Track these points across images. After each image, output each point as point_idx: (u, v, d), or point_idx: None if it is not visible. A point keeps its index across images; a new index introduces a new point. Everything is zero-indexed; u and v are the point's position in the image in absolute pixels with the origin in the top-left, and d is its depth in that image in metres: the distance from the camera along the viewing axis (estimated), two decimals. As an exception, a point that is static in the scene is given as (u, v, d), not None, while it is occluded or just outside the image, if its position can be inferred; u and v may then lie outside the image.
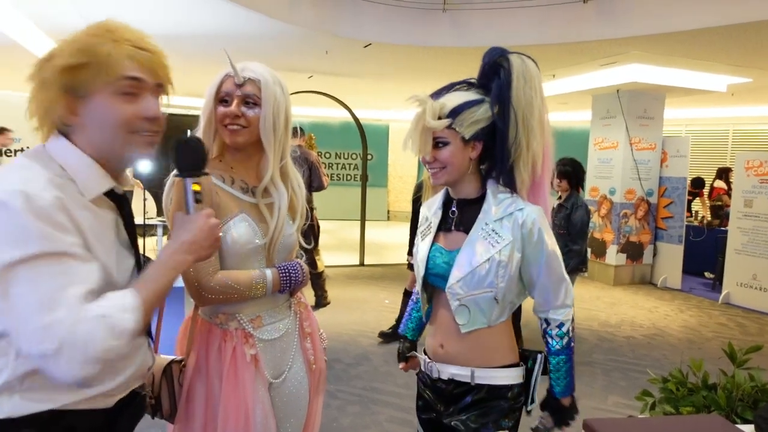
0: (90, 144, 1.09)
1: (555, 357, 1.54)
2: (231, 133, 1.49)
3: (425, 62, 6.62)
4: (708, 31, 4.85)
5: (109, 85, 1.05)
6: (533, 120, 1.46)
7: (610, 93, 7.45)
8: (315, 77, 7.99)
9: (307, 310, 1.72)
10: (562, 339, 1.53)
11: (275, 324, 1.58)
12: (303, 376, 1.66)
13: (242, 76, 1.48)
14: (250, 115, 1.48)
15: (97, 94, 1.06)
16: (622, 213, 7.54)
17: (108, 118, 1.07)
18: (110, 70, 1.05)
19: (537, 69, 1.49)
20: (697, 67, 6.51)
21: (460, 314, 1.49)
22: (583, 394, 3.90)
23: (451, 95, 1.48)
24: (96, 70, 1.04)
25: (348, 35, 5.68)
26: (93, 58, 1.04)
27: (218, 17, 5.04)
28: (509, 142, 1.45)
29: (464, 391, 1.53)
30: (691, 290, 7.35)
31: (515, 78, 1.44)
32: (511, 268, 1.46)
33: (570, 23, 5.35)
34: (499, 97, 1.45)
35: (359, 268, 7.93)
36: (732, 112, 10.14)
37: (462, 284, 1.47)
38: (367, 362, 4.29)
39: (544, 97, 1.49)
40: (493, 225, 1.47)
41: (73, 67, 1.04)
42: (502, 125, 1.45)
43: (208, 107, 1.52)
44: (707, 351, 4.87)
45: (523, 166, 1.48)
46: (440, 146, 1.46)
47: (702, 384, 2.12)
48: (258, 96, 1.48)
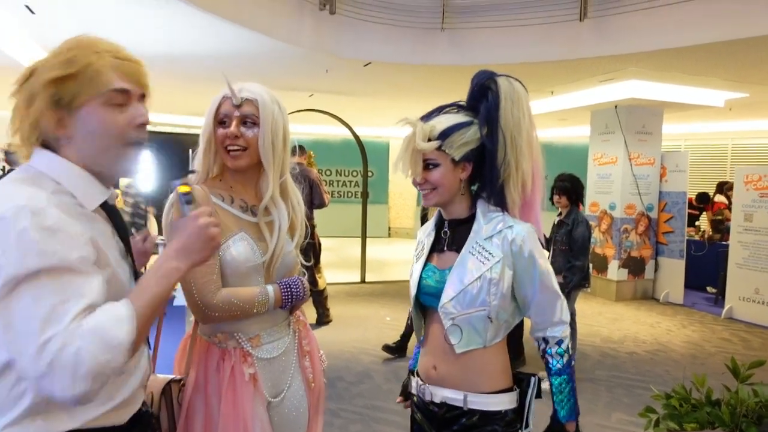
0: (80, 156, 1.08)
1: (557, 377, 1.52)
2: (233, 158, 1.51)
3: (424, 80, 6.68)
4: (705, 47, 4.89)
5: (98, 97, 1.06)
6: (521, 140, 1.47)
7: (609, 109, 7.50)
8: (315, 96, 8.05)
9: (305, 328, 1.72)
10: (562, 357, 1.51)
11: (274, 343, 1.57)
12: (302, 395, 1.65)
13: (240, 96, 1.49)
14: (249, 135, 1.50)
15: (86, 105, 1.06)
16: (623, 228, 7.54)
17: (100, 129, 1.07)
18: (98, 82, 1.06)
19: (524, 90, 1.51)
20: (694, 82, 6.56)
21: (453, 334, 1.49)
22: (586, 410, 3.87)
23: (441, 117, 1.50)
24: (84, 81, 1.05)
25: (348, 55, 5.74)
26: (80, 69, 1.05)
27: (220, 37, 5.10)
28: (498, 163, 1.47)
29: (457, 415, 1.51)
30: (694, 305, 7.32)
31: (503, 99, 1.46)
32: (503, 285, 1.45)
33: (568, 41, 5.40)
34: (487, 119, 1.47)
35: (360, 285, 7.91)
36: (730, 127, 10.17)
37: (455, 303, 1.47)
38: (369, 380, 4.27)
39: (532, 118, 1.51)
40: (483, 243, 1.47)
41: (61, 79, 1.04)
42: (491, 146, 1.47)
43: (207, 129, 1.54)
44: (710, 366, 4.84)
45: (513, 186, 1.49)
46: (431, 168, 1.48)
47: (705, 400, 2.11)
48: (256, 115, 1.50)
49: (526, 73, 6.12)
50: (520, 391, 1.55)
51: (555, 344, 1.52)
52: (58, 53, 1.07)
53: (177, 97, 8.63)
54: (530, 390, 1.54)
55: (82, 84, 1.05)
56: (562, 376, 1.51)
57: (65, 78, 1.04)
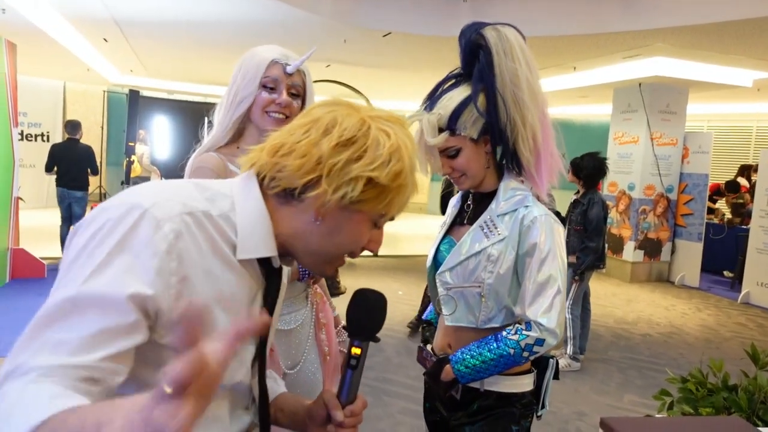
0: (297, 229, 0.88)
1: (499, 343, 1.36)
2: (274, 121, 1.47)
3: (444, 53, 6.55)
4: (735, 24, 4.73)
5: (376, 215, 0.89)
6: (523, 93, 1.38)
7: (632, 86, 7.32)
8: (332, 66, 7.96)
9: (323, 301, 1.72)
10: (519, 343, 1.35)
11: (292, 314, 1.58)
12: (317, 367, 1.66)
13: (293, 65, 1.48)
14: (294, 105, 1.49)
15: (363, 213, 0.87)
16: (641, 209, 7.44)
17: (351, 240, 0.89)
18: (387, 204, 0.88)
19: (518, 36, 1.41)
20: (722, 61, 6.37)
21: (446, 304, 1.46)
22: (598, 391, 3.87)
23: (445, 100, 1.43)
24: (381, 198, 0.87)
25: (367, 25, 5.64)
26: (393, 186, 0.86)
27: (236, 4, 5.03)
28: (502, 123, 1.39)
29: (473, 397, 1.48)
30: (710, 289, 7.24)
31: (495, 54, 1.37)
32: (501, 265, 1.39)
33: (593, 14, 5.25)
34: (481, 81, 1.39)
35: (372, 258, 7.91)
36: (757, 108, 9.90)
37: (451, 274, 1.44)
38: (379, 353, 4.29)
39: (531, 63, 1.40)
40: (495, 219, 1.43)
41: (375, 184, 0.84)
42: (492, 110, 1.39)
43: (248, 89, 1.46)
44: (725, 351, 4.79)
45: (523, 144, 1.41)
46: (454, 155, 1.43)
47: (722, 385, 2.08)
48: (302, 87, 1.50)
49: (548, 47, 5.98)
50: (538, 372, 1.52)
51: (523, 327, 1.37)
52: (382, 143, 0.84)
53: (194, 65, 8.59)
54: (548, 371, 1.51)
55: (380, 199, 0.85)
56: (506, 348, 1.35)
57: (379, 187, 0.84)
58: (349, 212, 0.86)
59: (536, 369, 1.52)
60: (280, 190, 0.86)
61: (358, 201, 0.84)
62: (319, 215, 0.86)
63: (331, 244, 0.89)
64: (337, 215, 0.86)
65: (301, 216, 0.87)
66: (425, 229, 10.55)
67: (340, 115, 0.86)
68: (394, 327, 4.84)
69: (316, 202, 0.84)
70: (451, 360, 1.43)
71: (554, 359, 1.52)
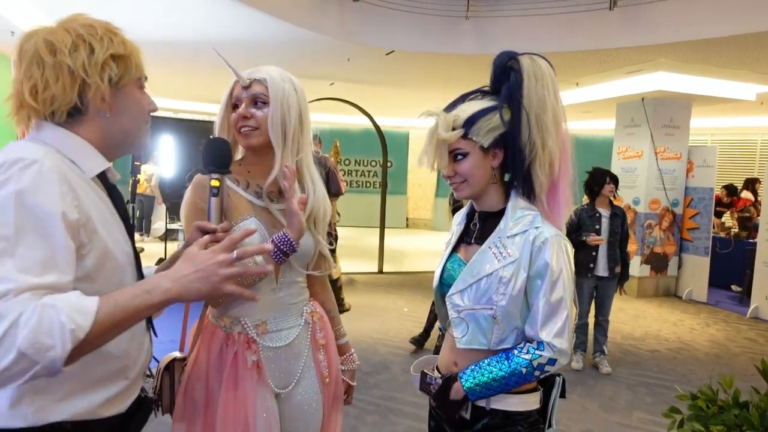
0: (103, 131, 1.12)
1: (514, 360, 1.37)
2: (244, 136, 1.49)
3: (447, 70, 6.60)
4: (737, 39, 4.75)
5: (136, 80, 1.15)
6: (547, 118, 1.39)
7: (635, 101, 7.34)
8: (336, 84, 8.02)
9: (322, 320, 1.66)
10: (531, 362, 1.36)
11: (283, 332, 1.53)
12: (315, 390, 1.59)
13: (247, 78, 1.48)
14: (259, 115, 1.47)
15: (127, 85, 1.13)
16: (647, 223, 7.41)
17: (135, 108, 1.15)
18: (138, 66, 1.15)
19: (549, 67, 1.44)
20: (725, 75, 6.38)
21: (457, 326, 1.44)
22: (606, 408, 3.81)
23: (465, 106, 1.45)
24: (130, 63, 1.13)
25: (371, 43, 5.69)
26: (130, 52, 1.13)
27: (239, 25, 5.08)
28: (522, 143, 1.40)
29: (478, 415, 1.45)
30: (718, 303, 7.18)
31: (526, 77, 1.39)
32: (514, 287, 1.38)
33: (595, 30, 5.29)
34: (509, 98, 1.41)
35: (378, 275, 7.89)
36: (761, 122, 9.91)
37: (461, 296, 1.43)
38: (386, 371, 4.25)
39: (558, 94, 1.43)
40: (505, 241, 1.41)
41: (119, 57, 1.10)
42: (515, 125, 1.40)
43: (222, 114, 1.54)
44: (735, 367, 4.73)
45: (539, 168, 1.41)
46: (459, 159, 1.43)
47: (733, 402, 2.04)
48: (265, 95, 1.47)
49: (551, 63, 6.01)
50: (544, 390, 1.50)
51: (535, 346, 1.38)
52: (100, 32, 1.08)
53: (199, 84, 8.66)
54: (555, 390, 1.49)
55: (128, 66, 1.12)
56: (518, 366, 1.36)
57: (122, 57, 1.10)
58: (120, 91, 1.11)
59: (543, 387, 1.50)
60: (67, 116, 1.07)
61: (120, 77, 1.10)
62: (103, 108, 1.09)
63: (128, 121, 1.14)
64: (116, 99, 1.10)
65: (96, 122, 1.10)
66: (430, 245, 10.53)
67: (44, 37, 1.04)
68: (401, 345, 4.80)
69: (96, 98, 1.07)
70: (460, 378, 1.42)
71: (560, 377, 1.50)
